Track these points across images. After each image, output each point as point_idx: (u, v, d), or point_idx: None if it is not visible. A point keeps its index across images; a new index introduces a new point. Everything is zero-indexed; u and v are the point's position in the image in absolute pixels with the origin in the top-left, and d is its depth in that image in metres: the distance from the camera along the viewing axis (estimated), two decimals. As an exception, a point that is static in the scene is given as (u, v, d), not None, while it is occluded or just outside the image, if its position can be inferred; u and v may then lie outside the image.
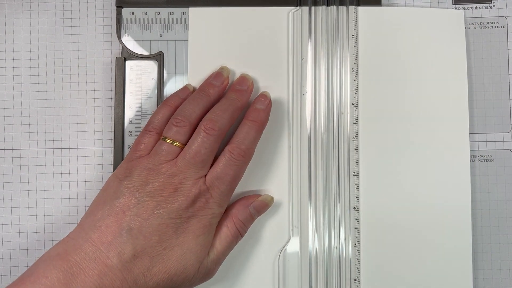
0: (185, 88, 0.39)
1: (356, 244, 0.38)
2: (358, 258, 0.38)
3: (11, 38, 0.42)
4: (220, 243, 0.36)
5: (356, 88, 0.39)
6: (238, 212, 0.37)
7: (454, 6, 0.41)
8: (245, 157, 0.36)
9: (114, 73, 0.41)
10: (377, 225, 0.38)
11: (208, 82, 0.38)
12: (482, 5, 0.41)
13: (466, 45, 0.40)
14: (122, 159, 0.40)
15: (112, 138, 0.41)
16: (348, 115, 0.39)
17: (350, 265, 0.38)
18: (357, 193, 0.38)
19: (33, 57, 0.42)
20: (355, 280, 0.38)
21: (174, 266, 0.34)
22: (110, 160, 0.41)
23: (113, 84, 0.41)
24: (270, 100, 0.38)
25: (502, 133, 0.40)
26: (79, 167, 0.41)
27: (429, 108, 0.39)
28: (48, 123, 0.41)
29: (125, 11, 0.41)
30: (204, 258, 0.35)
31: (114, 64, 0.41)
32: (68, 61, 0.42)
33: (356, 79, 0.39)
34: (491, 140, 0.40)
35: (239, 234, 0.37)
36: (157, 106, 0.40)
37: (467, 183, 0.39)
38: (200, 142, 0.35)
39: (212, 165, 0.36)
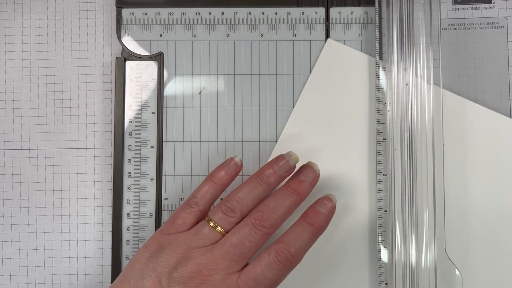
0: (233, 162, 0.35)
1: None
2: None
3: (11, 38, 0.42)
4: None
5: None
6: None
7: (454, 6, 0.41)
8: (292, 262, 0.31)
9: (114, 73, 0.41)
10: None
11: (270, 168, 0.34)
12: (482, 5, 0.41)
13: (466, 45, 0.40)
14: (122, 159, 0.40)
15: (112, 138, 0.41)
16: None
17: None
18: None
19: (33, 57, 0.42)
20: None
21: None
22: (110, 160, 0.41)
23: (113, 84, 0.41)
24: (335, 205, 0.34)
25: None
26: (79, 167, 0.41)
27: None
28: (48, 123, 0.41)
29: (125, 11, 0.41)
30: None
31: (114, 64, 0.41)
32: (68, 61, 0.42)
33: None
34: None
35: None
36: (157, 106, 0.40)
37: None
38: (246, 234, 0.31)
39: (251, 262, 0.32)
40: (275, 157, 0.35)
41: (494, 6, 0.41)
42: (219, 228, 0.32)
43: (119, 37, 0.41)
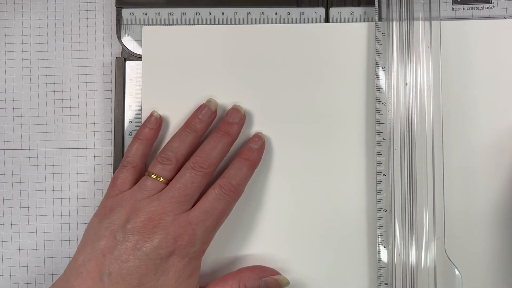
0: (153, 117, 0.38)
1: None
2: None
3: (11, 38, 0.42)
4: None
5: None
6: (248, 278, 0.35)
7: (454, 6, 0.41)
8: (235, 193, 0.35)
9: (114, 73, 0.41)
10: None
11: (195, 117, 0.37)
12: (482, 5, 0.41)
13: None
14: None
15: (112, 138, 0.41)
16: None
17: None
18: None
19: (33, 57, 0.42)
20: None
21: None
22: (110, 160, 0.41)
23: (113, 84, 0.41)
24: (264, 141, 0.38)
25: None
26: (79, 167, 0.41)
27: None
28: (48, 123, 0.41)
29: (125, 12, 0.41)
30: None
31: (114, 64, 0.41)
32: (68, 61, 0.42)
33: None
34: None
35: None
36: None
37: None
38: (188, 178, 0.34)
39: (199, 201, 0.34)
40: (197, 107, 0.38)
41: (494, 6, 0.41)
42: (161, 179, 0.35)
43: (119, 37, 0.41)
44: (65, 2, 0.42)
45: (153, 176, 0.35)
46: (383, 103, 0.38)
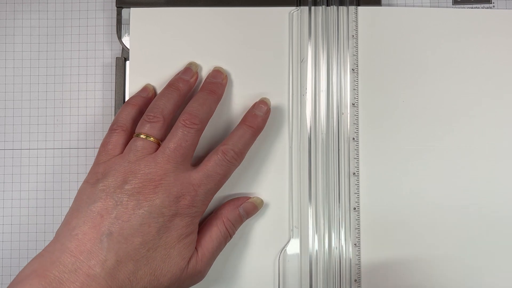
0: (146, 88, 0.39)
1: (357, 245, 0.38)
2: (359, 258, 0.38)
3: (11, 38, 0.42)
4: (209, 242, 0.35)
5: (356, 89, 0.39)
6: (227, 213, 0.37)
7: (454, 6, 0.41)
8: (237, 159, 0.35)
9: (114, 73, 0.41)
10: (377, 225, 0.38)
11: (177, 77, 0.38)
12: (482, 5, 0.41)
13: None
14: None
15: (112, 138, 0.41)
16: (348, 115, 0.39)
17: (350, 266, 0.38)
18: (357, 193, 0.38)
19: (33, 57, 0.42)
20: (356, 280, 0.38)
21: (159, 266, 0.32)
22: (110, 160, 0.41)
23: (113, 84, 0.41)
24: (269, 107, 0.38)
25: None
26: (79, 167, 0.41)
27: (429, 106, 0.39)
28: (48, 123, 0.41)
29: (125, 11, 0.41)
30: (191, 257, 0.34)
31: (114, 64, 0.41)
32: (68, 61, 0.42)
33: (356, 80, 0.39)
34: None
35: (228, 234, 0.36)
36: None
37: (468, 181, 0.39)
38: (181, 136, 0.34)
39: (201, 163, 0.35)
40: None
41: (494, 6, 0.41)
42: (151, 138, 0.34)
43: (119, 37, 0.41)
44: (65, 2, 0.42)
45: (142, 136, 0.34)
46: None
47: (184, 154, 0.34)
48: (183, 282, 0.34)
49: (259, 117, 0.37)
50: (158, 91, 0.39)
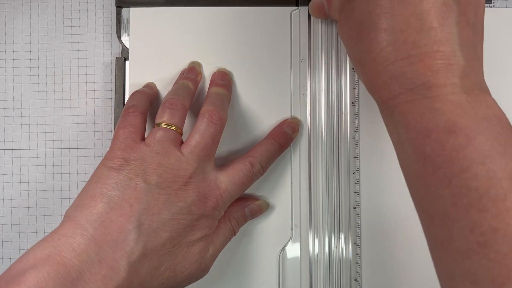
0: (149, 84, 0.38)
1: (357, 244, 0.38)
2: (359, 257, 0.38)
3: (11, 38, 0.42)
4: (218, 239, 0.35)
5: (356, 88, 0.39)
6: (234, 211, 0.37)
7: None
8: (261, 173, 0.36)
9: (114, 73, 0.41)
10: (377, 224, 0.38)
11: (183, 76, 0.38)
12: (482, 4, 0.41)
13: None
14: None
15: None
16: (348, 114, 0.39)
17: (350, 265, 0.38)
18: (358, 192, 0.38)
19: (33, 57, 0.42)
20: (356, 279, 0.38)
21: (180, 263, 0.32)
22: (110, 160, 0.41)
23: (113, 84, 0.41)
24: (298, 128, 0.38)
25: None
26: (79, 167, 0.41)
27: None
28: (48, 123, 0.41)
29: (125, 11, 0.41)
30: (205, 254, 0.34)
31: (114, 64, 0.41)
32: (68, 61, 0.42)
33: (356, 79, 0.39)
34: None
35: (233, 231, 0.36)
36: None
37: None
38: (208, 134, 0.33)
39: (227, 168, 0.35)
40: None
41: (494, 6, 0.41)
42: (173, 127, 0.33)
43: (119, 37, 0.41)
44: (65, 2, 0.42)
45: (163, 125, 0.33)
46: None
47: (211, 152, 0.34)
48: (193, 278, 0.34)
49: (288, 136, 0.38)
50: (159, 90, 0.39)
